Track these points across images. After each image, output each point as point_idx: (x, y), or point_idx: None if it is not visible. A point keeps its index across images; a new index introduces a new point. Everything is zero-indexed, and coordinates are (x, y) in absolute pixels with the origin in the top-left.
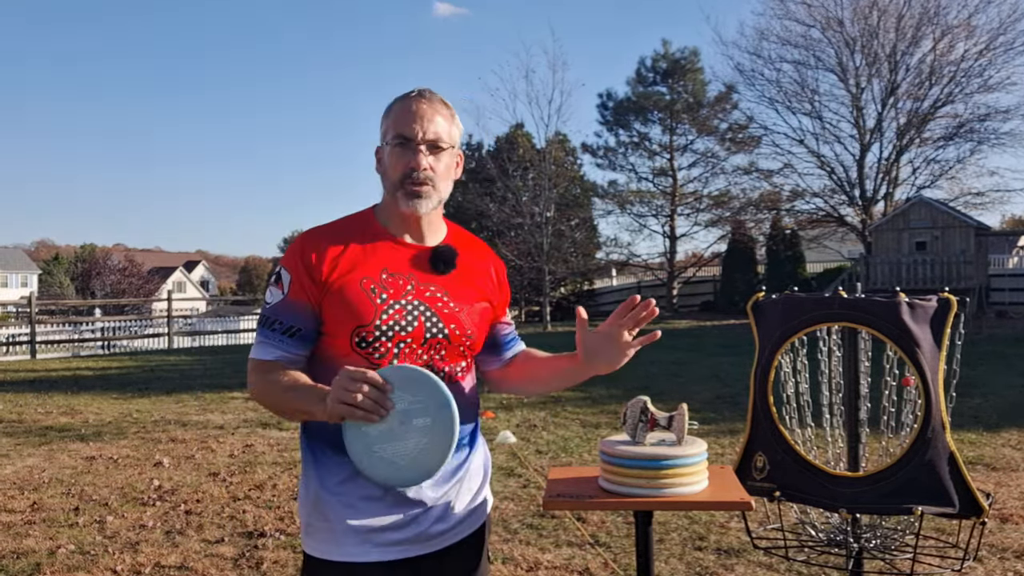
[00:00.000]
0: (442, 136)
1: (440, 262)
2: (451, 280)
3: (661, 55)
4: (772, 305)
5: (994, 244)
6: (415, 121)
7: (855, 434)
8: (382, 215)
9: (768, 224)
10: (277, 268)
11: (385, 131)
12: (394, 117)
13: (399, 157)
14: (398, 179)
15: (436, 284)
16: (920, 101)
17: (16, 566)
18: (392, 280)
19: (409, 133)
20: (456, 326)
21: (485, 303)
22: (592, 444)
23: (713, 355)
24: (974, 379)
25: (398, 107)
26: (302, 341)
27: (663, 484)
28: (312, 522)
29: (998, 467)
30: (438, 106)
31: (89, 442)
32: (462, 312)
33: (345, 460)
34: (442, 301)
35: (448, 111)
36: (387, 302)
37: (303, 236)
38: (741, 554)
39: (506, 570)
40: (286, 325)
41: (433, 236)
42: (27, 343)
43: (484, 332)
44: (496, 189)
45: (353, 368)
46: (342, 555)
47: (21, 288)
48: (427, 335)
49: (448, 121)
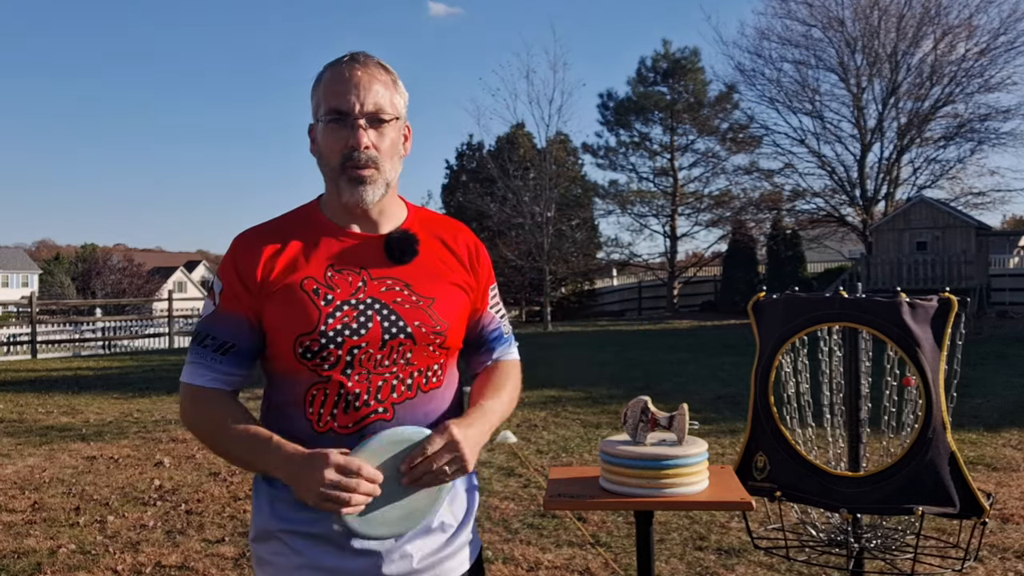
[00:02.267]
0: (383, 106)
1: (395, 250)
2: (412, 269)
3: (662, 55)
4: (773, 305)
5: (995, 244)
6: (350, 92)
7: (856, 434)
8: (326, 205)
9: (769, 224)
10: (211, 278)
11: (316, 105)
12: (325, 88)
13: (335, 135)
14: (337, 163)
15: (393, 276)
16: (921, 101)
17: (17, 566)
18: (339, 278)
19: (345, 106)
20: (421, 322)
21: (458, 291)
22: (593, 444)
23: (714, 355)
24: (975, 379)
25: (329, 76)
26: (237, 359)
27: (664, 484)
28: (262, 556)
29: (999, 467)
30: (376, 71)
31: (90, 442)
32: (427, 305)
33: (298, 501)
34: (401, 295)
35: (389, 76)
36: (333, 303)
37: (236, 239)
38: (742, 554)
39: (507, 570)
40: (219, 341)
41: (388, 222)
42: (28, 343)
43: (461, 324)
44: (497, 189)
45: (338, 459)
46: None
47: (22, 288)
48: (385, 336)
49: (389, 88)
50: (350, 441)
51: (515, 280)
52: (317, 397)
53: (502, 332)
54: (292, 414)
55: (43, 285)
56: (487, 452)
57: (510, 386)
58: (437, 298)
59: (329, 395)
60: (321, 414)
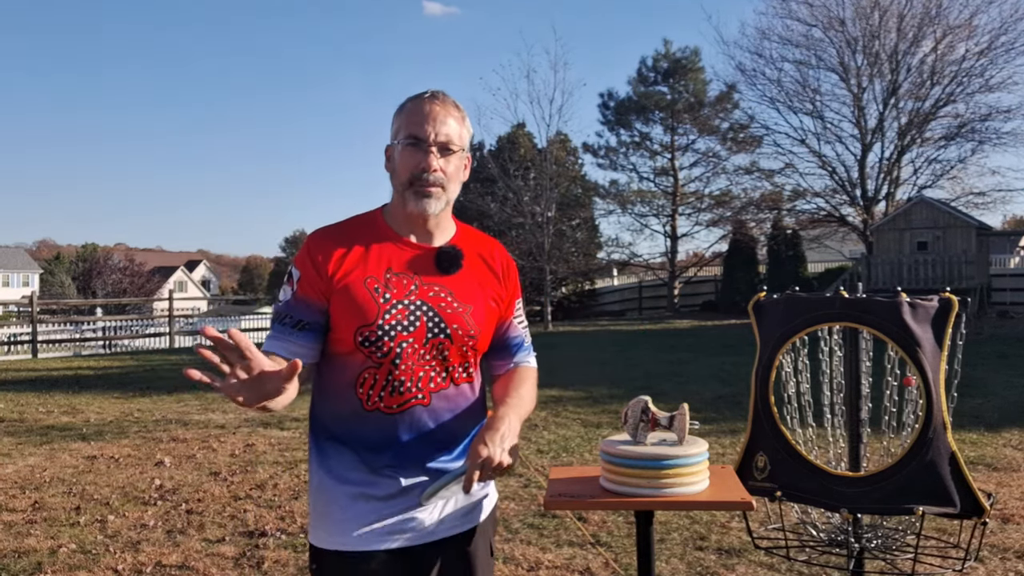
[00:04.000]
0: (453, 139)
1: (444, 262)
2: (456, 280)
3: (662, 55)
4: (773, 305)
5: (996, 244)
6: (427, 122)
7: (856, 434)
8: (389, 215)
9: (769, 224)
10: (289, 268)
11: (397, 130)
12: (407, 117)
13: (410, 157)
14: (408, 179)
15: (440, 284)
16: (921, 101)
17: (18, 565)
18: (396, 280)
19: (421, 134)
20: (459, 326)
21: (491, 302)
22: (593, 444)
23: (714, 355)
24: (975, 379)
25: (411, 107)
26: (312, 334)
27: (664, 484)
28: (319, 512)
29: (999, 467)
30: (451, 108)
31: (90, 441)
32: (465, 312)
33: (347, 453)
34: (445, 301)
35: (460, 113)
36: (390, 302)
37: (311, 236)
38: (742, 554)
39: (507, 569)
40: (295, 319)
41: (441, 236)
42: (28, 342)
43: (490, 331)
44: (497, 189)
45: None
46: (345, 544)
47: (23, 288)
48: (429, 335)
49: (459, 124)
50: (393, 419)
51: None
52: (367, 380)
53: (523, 341)
54: (344, 394)
55: (44, 285)
56: None
57: (529, 386)
58: (474, 307)
59: (379, 379)
60: (370, 395)
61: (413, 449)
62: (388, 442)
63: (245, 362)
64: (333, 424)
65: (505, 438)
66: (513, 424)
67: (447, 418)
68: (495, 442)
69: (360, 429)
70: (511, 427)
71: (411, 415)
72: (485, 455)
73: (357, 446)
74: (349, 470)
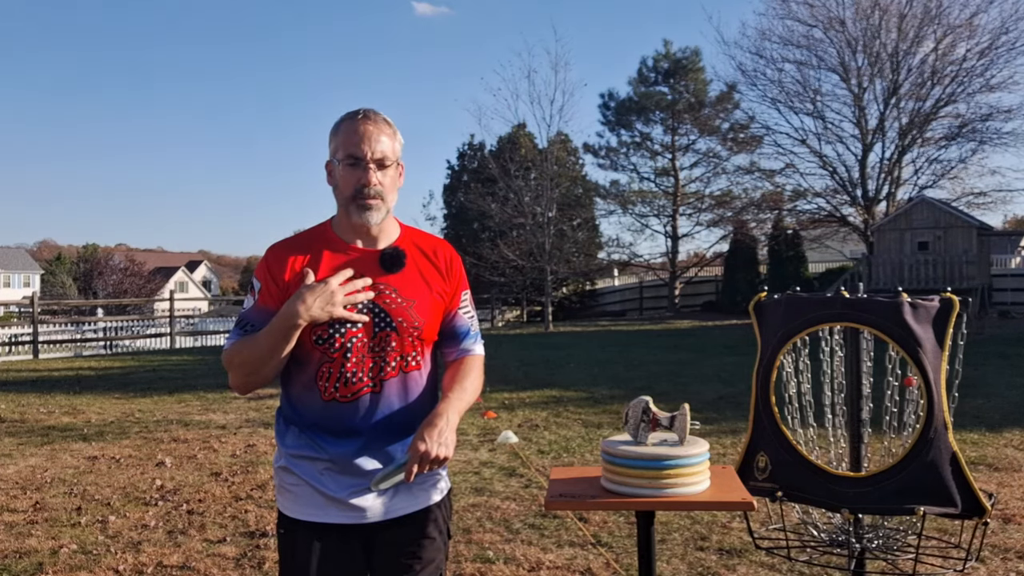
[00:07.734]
0: (388, 154)
1: (387, 262)
2: (400, 278)
3: (663, 55)
4: (774, 305)
5: (996, 244)
6: (364, 142)
7: (857, 434)
8: (337, 226)
9: (770, 224)
10: (252, 279)
11: (335, 149)
12: (343, 137)
13: (351, 175)
14: (351, 194)
15: (385, 283)
16: (922, 101)
17: (19, 566)
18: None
19: (359, 153)
20: (404, 319)
21: (436, 295)
22: (594, 444)
23: (715, 355)
24: (976, 379)
25: (346, 127)
26: None
27: (665, 484)
28: (282, 484)
29: (1000, 467)
30: (382, 126)
31: (91, 442)
32: (410, 306)
33: (307, 438)
34: (390, 297)
35: (391, 129)
36: None
37: (269, 249)
38: (743, 554)
39: (508, 570)
40: (256, 326)
41: (385, 240)
42: (30, 343)
43: (436, 322)
44: (498, 189)
45: (313, 280)
46: (305, 515)
47: (24, 288)
48: (376, 328)
49: (391, 139)
50: (349, 407)
51: (516, 280)
52: (324, 373)
53: (470, 330)
54: (307, 387)
55: (45, 285)
56: (488, 452)
57: (474, 376)
58: (418, 300)
59: (333, 372)
60: (326, 387)
61: (367, 434)
62: (345, 429)
63: None
64: (296, 413)
65: (443, 433)
66: (452, 419)
67: (398, 405)
68: (432, 438)
69: (320, 417)
70: (449, 422)
71: (363, 403)
72: (423, 450)
73: (317, 431)
74: (311, 452)
